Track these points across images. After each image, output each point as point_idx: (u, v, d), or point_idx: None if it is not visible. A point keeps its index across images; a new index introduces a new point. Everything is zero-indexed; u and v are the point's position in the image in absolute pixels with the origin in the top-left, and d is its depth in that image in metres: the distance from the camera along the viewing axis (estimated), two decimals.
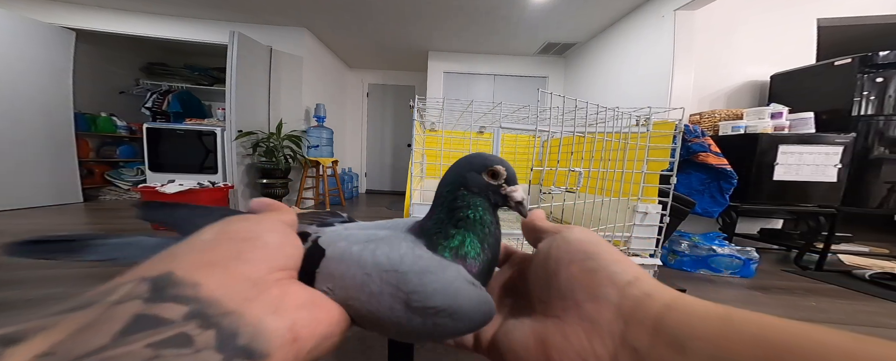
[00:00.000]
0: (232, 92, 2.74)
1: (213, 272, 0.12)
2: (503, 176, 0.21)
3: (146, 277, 0.12)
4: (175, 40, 3.25)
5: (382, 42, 3.69)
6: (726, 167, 1.70)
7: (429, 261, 0.18)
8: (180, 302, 0.11)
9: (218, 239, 0.14)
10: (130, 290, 0.11)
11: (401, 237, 0.20)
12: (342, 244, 0.19)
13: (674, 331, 0.13)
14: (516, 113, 1.10)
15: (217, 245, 0.14)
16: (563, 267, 0.17)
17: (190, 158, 3.05)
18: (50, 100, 2.88)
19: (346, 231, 0.21)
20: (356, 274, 0.17)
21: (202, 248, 0.14)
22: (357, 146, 4.92)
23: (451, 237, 0.20)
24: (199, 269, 0.12)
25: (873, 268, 1.71)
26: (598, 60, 3.27)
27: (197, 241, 0.14)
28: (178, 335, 0.10)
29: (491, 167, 0.21)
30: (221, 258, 0.13)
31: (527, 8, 2.75)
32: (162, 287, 0.11)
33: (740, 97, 2.43)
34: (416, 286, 0.17)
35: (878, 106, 1.85)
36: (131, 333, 0.10)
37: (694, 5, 2.21)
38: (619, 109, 0.65)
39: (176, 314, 0.10)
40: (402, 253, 0.18)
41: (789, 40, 2.40)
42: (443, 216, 0.20)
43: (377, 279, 0.17)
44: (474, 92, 4.03)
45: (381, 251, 0.18)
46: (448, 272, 0.18)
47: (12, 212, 2.59)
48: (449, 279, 0.17)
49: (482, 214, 0.20)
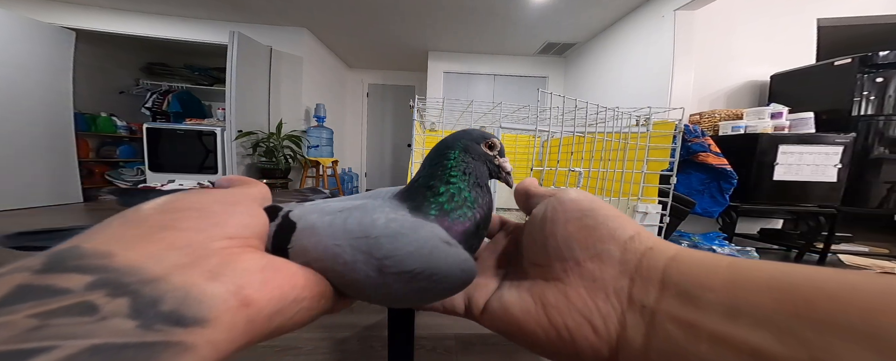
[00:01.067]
0: (232, 92, 2.74)
1: (135, 243, 0.11)
2: (498, 148, 0.22)
3: (50, 251, 0.10)
4: (175, 40, 3.25)
5: (382, 42, 3.69)
6: (726, 167, 1.70)
7: (401, 223, 0.17)
8: (82, 272, 0.10)
9: (154, 210, 0.13)
10: (21, 264, 0.10)
11: (377, 203, 0.19)
12: (314, 216, 0.18)
13: (682, 283, 0.12)
14: (516, 113, 1.10)
15: (149, 216, 0.12)
16: (559, 227, 0.17)
17: (190, 158, 3.05)
18: (50, 100, 2.88)
19: (323, 204, 0.20)
20: (328, 245, 0.17)
21: (130, 220, 0.12)
22: (357, 146, 4.92)
23: (441, 192, 0.19)
24: (118, 241, 0.11)
25: (873, 268, 1.71)
26: (598, 60, 3.27)
27: (128, 214, 0.13)
28: (78, 304, 0.09)
29: (489, 140, 0.22)
30: (149, 229, 0.12)
31: (527, 8, 2.75)
32: (60, 260, 0.10)
33: (740, 97, 2.43)
34: (389, 251, 0.16)
35: (878, 106, 1.85)
36: (9, 304, 0.08)
37: (694, 5, 2.21)
38: (619, 109, 0.65)
39: (75, 283, 0.09)
40: (373, 218, 0.17)
41: (789, 40, 2.40)
42: (436, 172, 0.20)
43: (348, 247, 0.16)
44: (474, 92, 4.03)
45: (353, 219, 0.17)
46: (422, 232, 0.17)
47: (12, 212, 2.59)
48: (422, 240, 0.16)
49: (478, 176, 0.21)
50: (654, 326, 0.13)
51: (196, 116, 3.49)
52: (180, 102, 3.62)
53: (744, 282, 0.11)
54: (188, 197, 0.14)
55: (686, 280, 0.12)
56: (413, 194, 0.20)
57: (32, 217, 2.46)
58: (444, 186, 0.20)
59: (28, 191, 2.75)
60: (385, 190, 0.22)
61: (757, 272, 0.11)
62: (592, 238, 0.16)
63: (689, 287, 0.12)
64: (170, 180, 2.40)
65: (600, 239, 0.15)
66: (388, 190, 0.22)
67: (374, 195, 0.22)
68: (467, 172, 0.20)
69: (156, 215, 0.12)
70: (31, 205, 2.77)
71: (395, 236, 0.16)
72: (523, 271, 0.19)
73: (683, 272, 0.13)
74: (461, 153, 0.21)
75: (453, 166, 0.20)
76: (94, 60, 3.46)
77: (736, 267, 0.12)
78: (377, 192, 0.22)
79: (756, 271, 0.11)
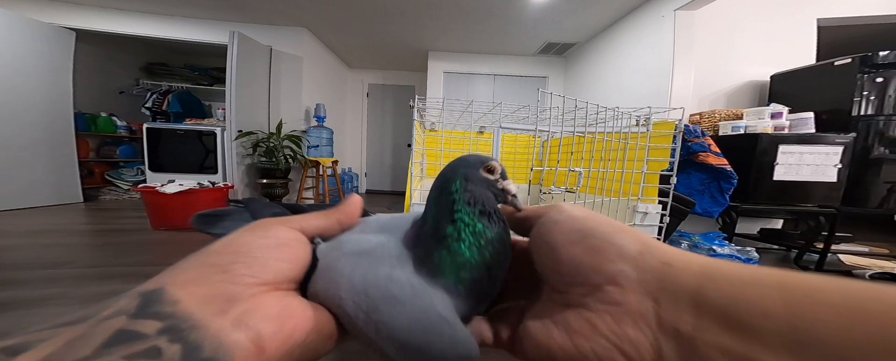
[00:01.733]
0: (232, 92, 2.74)
1: (198, 288, 0.13)
2: (498, 171, 0.21)
3: (143, 291, 0.13)
4: (175, 40, 3.25)
5: (382, 42, 3.69)
6: (726, 167, 1.70)
7: (400, 287, 0.17)
8: (157, 318, 0.12)
9: (217, 252, 0.15)
10: (123, 306, 0.12)
11: (389, 248, 0.19)
12: (333, 254, 0.18)
13: (726, 307, 0.11)
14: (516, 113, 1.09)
15: (214, 259, 0.15)
16: (564, 252, 0.16)
17: (190, 158, 3.05)
18: (50, 100, 2.88)
19: (352, 236, 0.20)
20: (334, 294, 0.17)
21: (202, 262, 0.15)
22: (357, 146, 4.92)
23: (447, 235, 0.18)
24: (187, 285, 0.13)
25: (873, 268, 1.71)
26: (598, 60, 3.27)
27: (202, 254, 0.15)
28: (151, 348, 0.11)
29: (487, 164, 0.21)
30: (210, 273, 0.14)
31: (527, 8, 2.75)
32: (147, 303, 0.12)
33: (740, 97, 2.43)
34: (384, 316, 0.16)
35: (878, 106, 1.85)
36: (111, 346, 0.11)
37: (694, 5, 2.21)
38: (619, 109, 0.65)
39: (151, 329, 0.12)
40: (377, 275, 0.17)
41: (789, 40, 2.40)
42: (441, 210, 0.19)
43: (350, 302, 0.16)
44: (474, 92, 4.03)
45: (360, 270, 0.17)
46: (419, 302, 0.16)
47: (12, 212, 2.59)
48: (417, 313, 0.16)
49: (485, 203, 0.19)
50: (697, 355, 0.11)
51: (196, 116, 3.49)
52: (180, 102, 3.62)
53: (804, 305, 0.10)
54: (247, 240, 0.16)
55: (730, 303, 0.11)
56: (421, 241, 0.19)
57: (33, 217, 2.46)
58: (450, 225, 0.18)
59: (28, 191, 2.75)
60: (404, 221, 0.22)
61: (816, 292, 0.10)
62: (602, 260, 0.15)
63: (735, 312, 0.11)
64: (170, 180, 2.39)
65: (610, 260, 0.14)
66: (404, 222, 0.21)
67: (393, 228, 0.21)
68: (472, 202, 0.19)
69: (218, 257, 0.15)
70: (32, 205, 2.77)
71: (391, 302, 0.16)
72: (545, 295, 0.18)
73: (723, 293, 0.11)
74: (462, 183, 0.20)
75: (457, 198, 0.19)
76: (94, 60, 3.46)
77: (789, 284, 0.10)
78: (397, 223, 0.22)
79: (815, 290, 0.10)
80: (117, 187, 3.54)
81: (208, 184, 2.46)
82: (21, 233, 2.05)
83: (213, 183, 2.51)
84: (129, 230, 2.19)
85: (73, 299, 1.19)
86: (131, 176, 3.62)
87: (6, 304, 1.13)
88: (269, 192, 3.03)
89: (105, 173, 3.54)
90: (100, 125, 3.44)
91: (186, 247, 1.83)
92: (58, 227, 2.22)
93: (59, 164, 2.98)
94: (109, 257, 1.65)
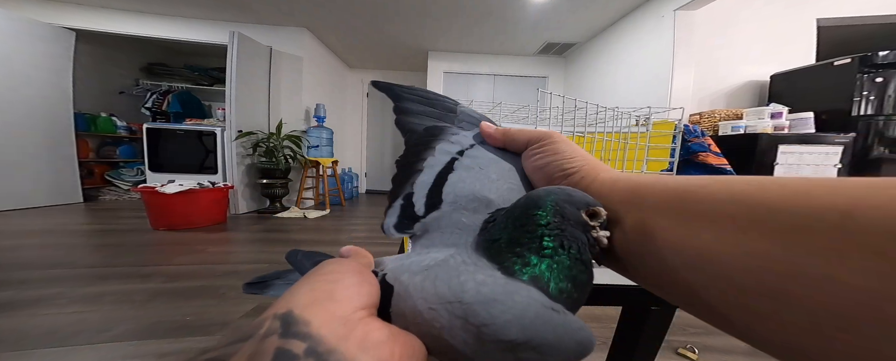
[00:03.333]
0: (232, 92, 2.74)
1: (317, 311, 0.14)
2: (602, 218, 0.18)
3: (278, 314, 0.14)
4: (175, 40, 3.25)
5: (382, 42, 3.69)
6: (726, 167, 1.69)
7: (493, 287, 0.16)
8: (301, 339, 0.13)
9: (317, 279, 0.17)
10: (270, 326, 0.14)
11: (460, 259, 0.18)
12: (405, 277, 0.18)
13: (632, 184, 0.20)
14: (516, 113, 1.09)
15: (317, 285, 0.16)
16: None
17: (190, 158, 3.05)
18: (50, 100, 2.88)
19: (408, 259, 0.20)
20: (423, 310, 0.16)
21: (308, 287, 0.16)
22: (357, 146, 4.92)
23: (532, 263, 0.17)
24: (308, 307, 0.15)
25: None
26: (598, 59, 3.27)
27: (304, 281, 0.17)
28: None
29: (593, 208, 0.18)
30: (320, 297, 0.15)
31: (527, 8, 2.75)
32: (289, 324, 0.14)
33: (740, 97, 2.43)
34: (485, 319, 0.15)
35: (878, 106, 1.85)
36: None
37: (694, 5, 2.21)
38: (619, 109, 0.65)
39: (299, 349, 0.13)
40: (462, 281, 0.16)
41: (789, 40, 2.40)
42: (522, 237, 0.17)
43: (444, 312, 0.15)
44: (474, 92, 4.03)
45: (441, 280, 0.16)
46: (517, 298, 0.15)
47: (12, 212, 2.59)
48: (522, 307, 0.15)
49: (580, 249, 0.17)
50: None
51: (196, 116, 3.49)
52: (180, 102, 3.62)
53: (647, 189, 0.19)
54: (333, 267, 0.17)
55: (636, 186, 0.20)
56: (497, 255, 0.18)
57: (33, 217, 2.46)
58: (536, 256, 0.17)
59: (28, 191, 2.75)
60: (461, 228, 0.21)
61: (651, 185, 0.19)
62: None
63: (637, 187, 0.19)
64: (170, 180, 2.39)
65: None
66: (464, 231, 0.21)
67: (451, 242, 0.20)
68: (566, 244, 0.17)
69: (320, 285, 0.16)
70: (32, 205, 2.78)
71: (488, 302, 0.15)
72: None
73: (634, 181, 0.20)
74: (555, 217, 0.18)
75: (545, 233, 0.17)
76: (94, 60, 3.47)
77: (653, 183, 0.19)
78: (452, 230, 0.21)
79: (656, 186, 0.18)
80: (117, 187, 3.54)
81: (208, 184, 2.46)
82: (21, 233, 2.05)
83: (213, 183, 2.51)
84: (129, 231, 2.19)
85: (73, 299, 1.19)
86: (131, 176, 3.62)
87: (6, 304, 1.13)
88: (269, 192, 3.03)
89: (105, 173, 3.54)
90: (100, 125, 3.44)
91: (186, 247, 1.84)
92: (58, 227, 2.22)
93: (59, 164, 2.98)
94: (109, 257, 1.65)
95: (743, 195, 0.14)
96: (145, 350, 0.91)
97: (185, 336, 0.99)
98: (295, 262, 0.24)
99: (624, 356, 0.52)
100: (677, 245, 0.15)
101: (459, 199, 0.23)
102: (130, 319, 1.07)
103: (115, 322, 1.04)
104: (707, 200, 0.15)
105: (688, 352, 0.99)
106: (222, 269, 1.54)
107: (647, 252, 0.17)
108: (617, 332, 0.53)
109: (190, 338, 0.98)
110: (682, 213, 0.16)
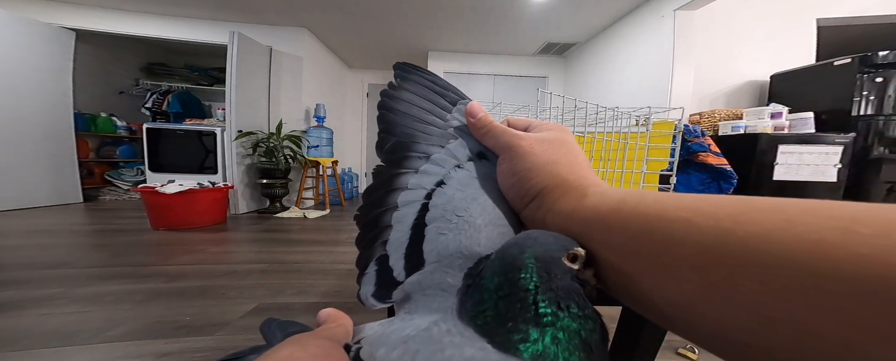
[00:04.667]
0: (232, 92, 2.74)
1: None
2: (583, 258, 0.17)
3: None
4: (175, 40, 3.25)
5: (382, 42, 3.69)
6: (726, 167, 1.69)
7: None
8: None
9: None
10: None
11: (444, 326, 0.16)
12: (381, 352, 0.16)
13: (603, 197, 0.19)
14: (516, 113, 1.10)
15: None
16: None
17: (190, 158, 3.05)
18: (50, 100, 2.88)
19: (390, 327, 0.18)
20: None
21: None
22: (357, 146, 4.92)
23: (534, 339, 0.15)
24: None
25: None
26: (598, 60, 3.27)
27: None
28: None
29: (572, 250, 0.17)
30: None
31: (526, 8, 2.75)
32: None
33: (740, 97, 2.43)
34: None
35: (878, 106, 1.85)
36: None
37: (694, 5, 2.21)
38: (619, 109, 0.65)
39: None
40: (447, 357, 0.14)
41: (789, 40, 2.40)
42: (511, 310, 0.15)
43: None
44: (474, 92, 4.03)
45: (422, 356, 0.15)
46: None
47: (12, 212, 2.59)
48: None
49: (580, 305, 0.16)
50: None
51: (196, 116, 3.49)
52: (180, 102, 3.62)
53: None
54: (297, 356, 0.16)
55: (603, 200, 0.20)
56: (485, 329, 0.16)
57: (33, 218, 2.46)
58: (534, 328, 0.15)
59: (28, 191, 2.75)
60: (445, 289, 0.19)
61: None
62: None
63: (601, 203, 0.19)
64: (170, 181, 2.39)
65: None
66: (449, 291, 0.19)
67: (435, 308, 0.19)
68: (562, 303, 0.15)
69: None
70: (32, 205, 2.78)
71: None
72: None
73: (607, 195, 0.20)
74: (540, 275, 0.16)
75: (538, 299, 0.15)
76: (94, 60, 3.46)
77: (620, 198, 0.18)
78: (436, 292, 0.19)
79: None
80: (117, 187, 3.54)
81: (208, 184, 2.46)
82: (21, 233, 2.05)
83: (213, 183, 2.51)
84: (129, 230, 2.19)
85: (73, 299, 1.19)
86: (131, 176, 3.62)
87: (6, 304, 1.13)
88: (270, 192, 3.03)
89: (105, 173, 3.54)
90: (100, 125, 3.44)
91: (186, 247, 1.84)
92: (58, 227, 2.22)
93: (59, 164, 2.98)
94: (109, 257, 1.65)
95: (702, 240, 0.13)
96: (145, 350, 0.91)
97: (185, 336, 0.99)
98: (267, 333, 0.22)
99: (624, 356, 0.52)
100: (652, 292, 0.15)
101: (443, 258, 0.21)
102: (130, 319, 1.07)
103: (115, 322, 1.04)
104: (673, 244, 0.14)
105: (688, 352, 0.99)
106: (222, 269, 1.54)
107: (624, 292, 0.17)
108: (617, 332, 0.53)
109: (190, 338, 0.98)
110: (648, 259, 0.15)
